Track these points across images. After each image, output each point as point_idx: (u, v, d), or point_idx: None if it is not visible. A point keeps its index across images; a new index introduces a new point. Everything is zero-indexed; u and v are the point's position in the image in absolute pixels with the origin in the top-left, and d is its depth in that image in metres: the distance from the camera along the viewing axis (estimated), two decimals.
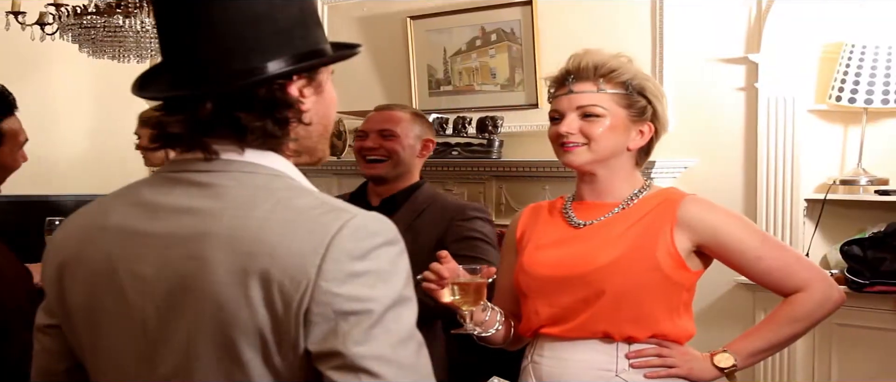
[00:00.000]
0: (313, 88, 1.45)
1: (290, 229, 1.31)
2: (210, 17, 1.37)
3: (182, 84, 1.40)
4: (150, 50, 5.08)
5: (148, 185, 1.47)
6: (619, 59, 2.33)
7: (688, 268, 2.27)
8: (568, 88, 2.30)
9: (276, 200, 1.35)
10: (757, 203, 4.65)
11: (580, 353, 2.26)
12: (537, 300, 2.31)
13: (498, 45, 5.44)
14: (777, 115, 4.57)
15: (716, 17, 4.77)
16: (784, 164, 4.58)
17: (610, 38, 4.93)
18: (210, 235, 1.33)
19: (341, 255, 1.29)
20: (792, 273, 2.31)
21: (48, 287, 1.52)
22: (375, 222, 1.35)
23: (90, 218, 1.50)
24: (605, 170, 2.32)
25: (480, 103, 5.52)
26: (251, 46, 1.37)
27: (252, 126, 1.38)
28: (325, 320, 1.28)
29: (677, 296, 2.27)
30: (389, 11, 5.81)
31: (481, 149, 5.37)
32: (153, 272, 1.38)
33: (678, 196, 2.33)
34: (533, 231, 2.41)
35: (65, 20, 4.87)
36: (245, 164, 1.40)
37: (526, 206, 2.55)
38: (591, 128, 2.26)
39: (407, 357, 1.31)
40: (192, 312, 1.34)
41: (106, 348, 1.46)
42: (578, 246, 2.29)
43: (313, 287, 1.28)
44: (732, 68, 4.75)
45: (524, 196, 5.15)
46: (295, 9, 1.42)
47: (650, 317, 2.24)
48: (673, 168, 4.79)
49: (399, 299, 1.32)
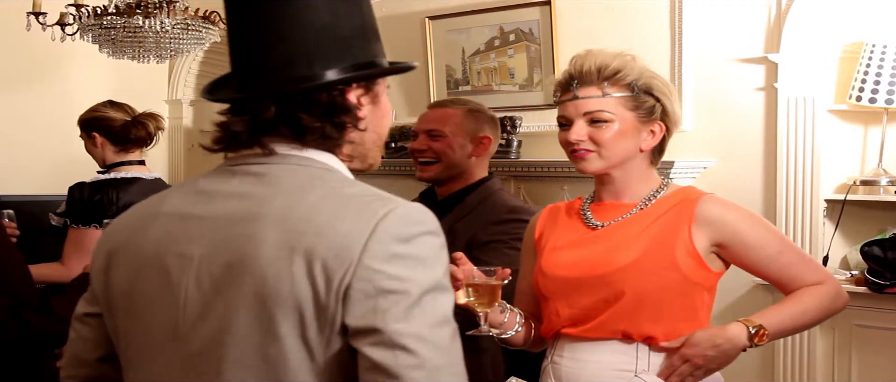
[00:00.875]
0: (370, 98, 1.54)
1: (339, 211, 1.38)
2: (279, 27, 1.47)
3: (248, 88, 1.49)
4: (169, 50, 5.10)
5: (206, 177, 1.55)
6: (623, 58, 2.30)
7: (708, 268, 2.26)
8: (573, 94, 2.28)
9: (328, 188, 1.44)
10: (776, 203, 4.63)
11: (600, 354, 2.26)
12: (557, 301, 2.30)
13: (516, 45, 5.44)
14: (797, 115, 4.56)
15: (735, 17, 4.75)
16: (804, 165, 4.56)
17: (629, 37, 4.93)
18: (262, 216, 1.41)
19: (386, 236, 1.35)
20: (807, 271, 2.32)
21: (94, 274, 1.59)
22: (420, 212, 1.42)
23: (145, 208, 1.58)
24: (620, 172, 2.31)
25: (499, 103, 5.51)
26: (314, 55, 1.47)
27: (312, 126, 1.47)
28: (366, 296, 1.33)
29: (697, 297, 2.26)
30: (408, 11, 5.81)
31: (500, 150, 5.35)
32: (201, 251, 1.44)
33: (696, 195, 2.32)
34: (551, 232, 2.40)
35: (85, 21, 4.89)
36: (301, 158, 1.49)
37: (544, 207, 2.54)
38: (599, 134, 2.25)
39: (443, 339, 1.35)
40: (234, 287, 1.39)
41: (141, 330, 1.50)
42: (597, 247, 2.28)
43: (357, 263, 1.33)
44: (752, 68, 4.73)
45: (543, 196, 5.15)
46: (357, 22, 1.52)
47: (669, 317, 2.22)
48: (692, 168, 4.78)
49: (438, 285, 1.38)
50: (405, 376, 1.31)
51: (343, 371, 1.37)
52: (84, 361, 1.63)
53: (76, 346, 1.64)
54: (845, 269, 4.55)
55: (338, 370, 1.37)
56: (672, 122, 2.34)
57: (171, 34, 4.90)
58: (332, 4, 1.49)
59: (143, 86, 6.94)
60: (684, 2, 4.87)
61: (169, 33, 4.87)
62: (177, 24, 4.86)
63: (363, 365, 1.34)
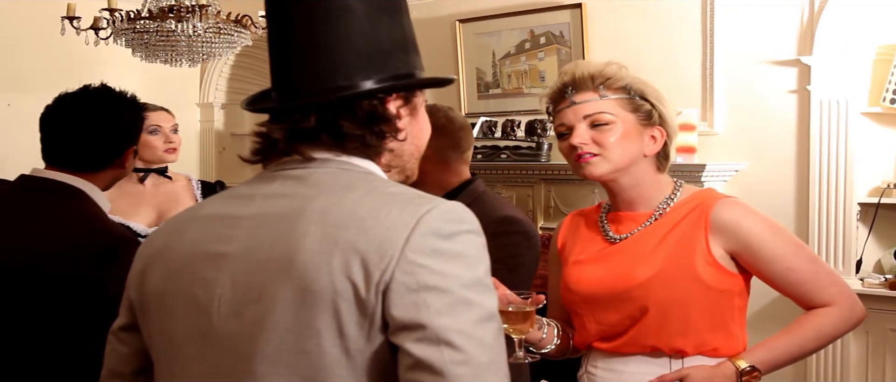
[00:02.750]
0: (409, 109, 1.55)
1: (382, 207, 1.38)
2: (320, 40, 1.48)
3: (289, 98, 1.50)
4: (201, 54, 5.13)
5: (247, 183, 1.56)
6: (613, 65, 2.26)
7: (732, 273, 2.20)
8: (570, 100, 2.24)
9: (371, 187, 1.44)
10: (809, 207, 4.60)
11: (633, 366, 2.23)
12: (584, 316, 2.28)
13: (547, 48, 5.44)
14: (830, 118, 4.53)
15: (767, 19, 4.73)
16: (837, 168, 4.53)
17: (660, 39, 4.92)
18: (303, 213, 1.41)
19: (429, 231, 1.35)
20: (821, 287, 2.23)
21: (130, 281, 1.59)
22: (461, 211, 1.41)
23: (184, 214, 1.59)
24: (627, 178, 2.25)
25: (529, 106, 5.51)
26: (354, 66, 1.48)
27: (353, 133, 1.48)
28: (409, 291, 1.32)
29: (726, 304, 2.21)
30: (438, 15, 5.83)
31: (530, 153, 5.36)
32: (238, 248, 1.44)
33: (712, 199, 2.25)
34: (574, 242, 2.37)
35: (118, 25, 4.94)
36: (342, 162, 1.49)
37: (571, 211, 2.52)
38: (602, 137, 2.20)
39: (487, 336, 1.33)
40: (273, 283, 1.38)
41: (173, 329, 1.50)
42: (616, 263, 2.24)
43: (400, 256, 1.32)
44: (784, 70, 4.71)
45: (573, 199, 5.14)
46: (397, 35, 1.53)
47: (697, 330, 2.18)
48: (724, 171, 4.76)
49: (481, 282, 1.36)
50: (451, 373, 1.29)
51: (381, 372, 1.36)
52: (120, 374, 1.64)
53: (111, 360, 1.65)
54: (879, 273, 4.51)
55: (376, 369, 1.36)
56: (670, 130, 2.28)
57: (203, 38, 4.93)
58: (374, 18, 1.50)
59: (175, 90, 7.00)
60: (716, 4, 4.85)
61: (201, 37, 4.90)
62: (209, 27, 4.89)
63: (406, 363, 1.31)
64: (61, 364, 2.33)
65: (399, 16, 1.55)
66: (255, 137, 1.54)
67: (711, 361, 2.20)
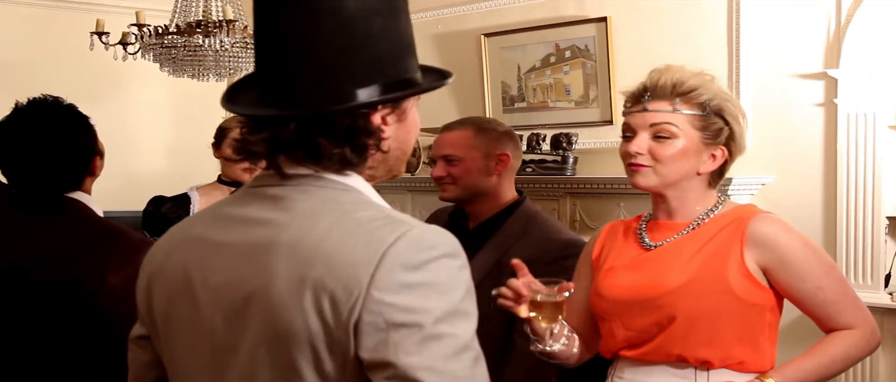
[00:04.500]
0: (396, 116, 1.48)
1: (348, 240, 1.33)
2: (310, 40, 1.40)
3: (270, 102, 1.43)
4: (228, 68, 5.17)
5: (231, 200, 1.52)
6: (701, 77, 2.25)
7: (763, 286, 2.20)
8: (643, 106, 2.24)
9: (340, 213, 1.38)
10: (837, 220, 4.57)
11: (658, 376, 2.22)
12: (613, 322, 2.27)
13: (572, 62, 5.44)
14: (857, 131, 4.50)
15: (793, 33, 4.71)
16: (864, 181, 4.49)
17: (685, 53, 4.90)
18: (275, 245, 1.37)
19: (395, 265, 1.30)
20: (847, 310, 2.23)
21: (139, 297, 1.59)
22: (434, 234, 1.36)
23: (178, 231, 1.57)
24: (674, 192, 2.26)
25: (554, 120, 5.51)
26: (344, 73, 1.40)
27: (330, 153, 1.41)
28: (376, 330, 1.29)
29: (757, 318, 2.20)
30: (464, 29, 5.84)
31: (556, 166, 5.36)
32: (223, 281, 1.42)
33: (750, 213, 2.25)
34: (610, 251, 2.37)
35: (147, 40, 4.98)
36: (317, 178, 1.43)
37: (604, 224, 2.51)
38: (660, 150, 2.20)
39: (461, 369, 1.30)
40: (255, 321, 1.37)
41: (180, 356, 1.51)
42: (649, 269, 2.24)
43: (365, 295, 1.29)
44: (811, 83, 4.68)
45: (598, 213, 5.13)
46: (392, 38, 1.45)
47: (725, 341, 2.16)
48: (750, 184, 4.74)
49: (455, 311, 1.32)
50: None
51: None
52: (144, 380, 1.65)
53: (135, 369, 1.66)
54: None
55: None
56: (737, 148, 2.28)
57: (230, 53, 4.97)
58: (368, 19, 1.41)
59: (202, 105, 7.03)
60: (742, 17, 4.83)
61: (228, 52, 4.94)
62: (236, 42, 4.92)
63: None
64: (61, 365, 2.36)
65: (395, 18, 1.46)
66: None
67: (738, 376, 2.18)
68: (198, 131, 7.45)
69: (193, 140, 7.34)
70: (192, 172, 7.03)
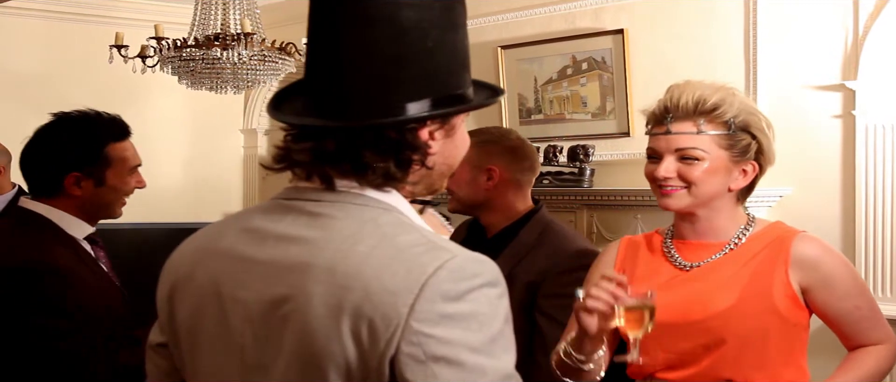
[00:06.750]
0: (444, 131, 1.44)
1: (388, 267, 1.29)
2: (363, 50, 1.37)
3: (316, 111, 1.40)
4: (246, 81, 5.19)
5: (262, 211, 1.48)
6: (722, 92, 2.19)
7: (803, 306, 2.18)
8: (666, 128, 2.18)
9: (380, 235, 1.34)
10: (855, 233, 4.55)
11: None
12: (649, 344, 2.21)
13: (589, 74, 5.44)
14: (875, 143, 4.48)
15: (811, 45, 4.70)
16: (883, 193, 4.48)
17: (702, 65, 4.89)
18: (311, 267, 1.34)
19: (436, 296, 1.27)
20: (877, 326, 2.23)
21: (160, 306, 1.56)
22: (475, 263, 1.33)
23: (204, 241, 1.52)
24: (706, 211, 2.21)
25: (571, 132, 5.51)
26: (395, 86, 1.37)
27: (375, 165, 1.37)
28: (416, 362, 1.26)
29: (797, 338, 2.18)
30: (481, 41, 5.85)
31: (572, 178, 5.36)
32: (254, 298, 1.39)
33: (790, 233, 2.22)
34: (633, 267, 2.30)
35: (165, 53, 5.01)
36: (358, 196, 1.39)
37: (621, 236, 2.48)
38: (690, 172, 2.16)
39: None
40: (290, 343, 1.35)
41: (204, 370, 1.49)
42: (690, 290, 2.19)
43: (404, 326, 1.26)
44: (829, 95, 4.67)
45: (616, 225, 5.12)
46: (447, 52, 1.41)
47: (773, 363, 2.14)
48: (768, 197, 4.72)
49: (495, 341, 1.29)
50: None
51: None
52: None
53: (154, 376, 1.63)
54: None
55: None
56: (766, 161, 2.23)
57: (248, 65, 5.00)
58: (424, 31, 1.38)
59: (220, 117, 7.08)
60: (759, 29, 4.83)
61: (246, 64, 4.97)
62: (254, 55, 4.95)
63: None
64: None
65: (452, 32, 1.42)
66: (278, 151, 1.45)
67: None
68: (215, 143, 7.53)
69: (211, 152, 7.41)
70: (207, 184, 7.10)
